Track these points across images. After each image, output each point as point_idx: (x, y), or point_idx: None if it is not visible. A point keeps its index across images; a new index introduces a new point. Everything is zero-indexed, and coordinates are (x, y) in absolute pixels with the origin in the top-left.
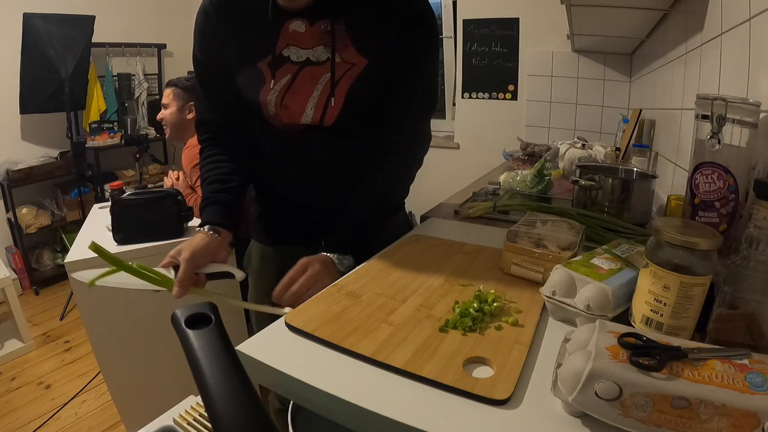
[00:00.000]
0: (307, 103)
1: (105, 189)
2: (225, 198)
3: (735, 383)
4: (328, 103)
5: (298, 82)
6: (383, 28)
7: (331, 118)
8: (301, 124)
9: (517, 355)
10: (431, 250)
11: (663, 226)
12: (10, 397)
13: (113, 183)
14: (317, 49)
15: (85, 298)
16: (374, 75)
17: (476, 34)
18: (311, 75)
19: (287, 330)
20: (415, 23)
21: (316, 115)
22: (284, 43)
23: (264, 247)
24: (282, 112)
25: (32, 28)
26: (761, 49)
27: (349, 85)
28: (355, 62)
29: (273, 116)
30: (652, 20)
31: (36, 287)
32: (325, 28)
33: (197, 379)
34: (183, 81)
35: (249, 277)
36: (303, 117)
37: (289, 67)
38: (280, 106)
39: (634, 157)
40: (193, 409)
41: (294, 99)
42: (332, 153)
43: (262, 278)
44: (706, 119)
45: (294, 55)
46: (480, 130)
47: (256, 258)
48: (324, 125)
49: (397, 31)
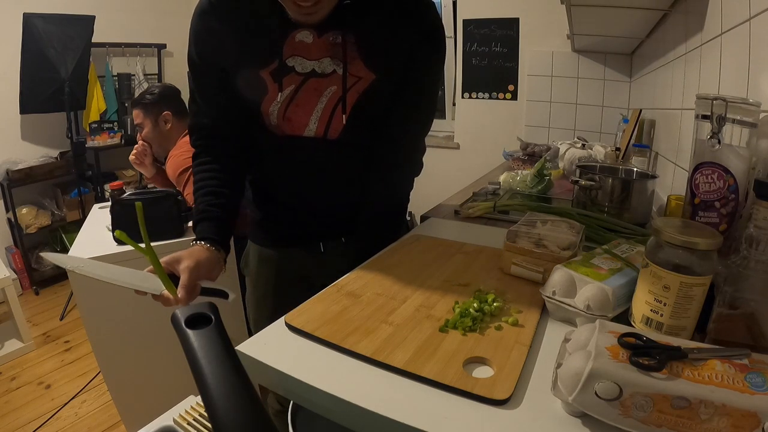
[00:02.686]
0: (310, 117)
1: (105, 189)
2: (218, 215)
3: (735, 383)
4: (332, 116)
5: (302, 94)
6: (394, 43)
7: (335, 132)
8: (303, 136)
9: (517, 355)
10: (431, 250)
11: (663, 226)
12: (10, 397)
13: (113, 183)
14: (323, 61)
15: (85, 299)
16: (381, 89)
17: (476, 34)
18: (316, 87)
19: (287, 330)
20: (427, 39)
21: (319, 128)
22: (289, 53)
23: (262, 249)
24: (284, 124)
25: (32, 28)
26: (761, 49)
27: (355, 100)
28: (362, 76)
29: (275, 126)
30: (652, 20)
31: (36, 287)
32: (334, 39)
33: (197, 379)
34: (146, 96)
35: (246, 278)
36: (306, 130)
37: (293, 78)
38: (283, 118)
39: (634, 157)
40: (193, 409)
41: (297, 111)
42: (334, 161)
43: (260, 280)
44: (706, 119)
45: (299, 65)
46: (480, 130)
47: (254, 260)
48: (328, 138)
49: (409, 47)
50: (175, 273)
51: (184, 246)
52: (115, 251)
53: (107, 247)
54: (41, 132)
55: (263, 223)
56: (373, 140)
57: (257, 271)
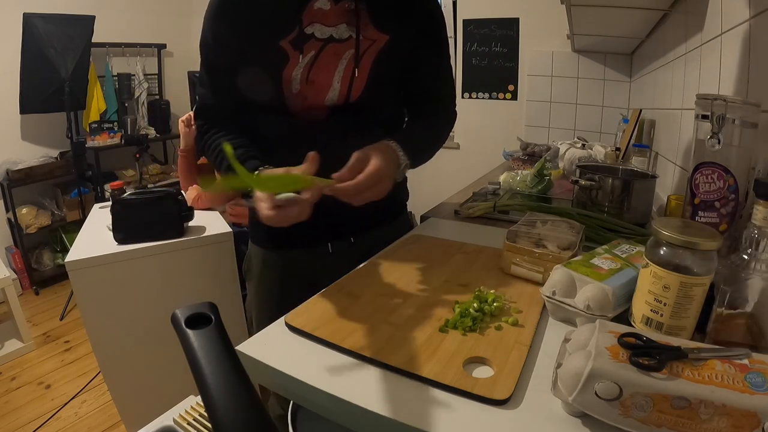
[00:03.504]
0: (333, 77)
1: (105, 189)
2: (256, 153)
3: (735, 383)
4: (353, 76)
5: (322, 58)
6: (400, 5)
7: (357, 90)
8: (324, 105)
9: (517, 355)
10: (431, 250)
11: (663, 226)
12: (10, 397)
13: (113, 183)
14: (340, 27)
15: (85, 299)
16: (396, 49)
17: (476, 34)
18: (335, 51)
19: (287, 330)
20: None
21: (342, 88)
22: (308, 21)
23: (266, 252)
24: (308, 88)
25: (32, 28)
26: (761, 49)
27: (373, 60)
28: (375, 39)
29: (296, 95)
30: (652, 20)
31: (36, 287)
32: (349, 6)
33: (197, 379)
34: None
35: (248, 283)
36: (330, 91)
37: (313, 44)
38: (306, 81)
39: (634, 157)
40: (193, 409)
41: (319, 74)
42: (348, 145)
43: (263, 284)
44: (706, 119)
45: (318, 32)
46: (480, 130)
47: (257, 263)
48: (350, 102)
49: (414, 7)
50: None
51: (184, 246)
52: (114, 251)
53: (107, 247)
54: (41, 132)
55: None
56: (410, 99)
57: (261, 274)
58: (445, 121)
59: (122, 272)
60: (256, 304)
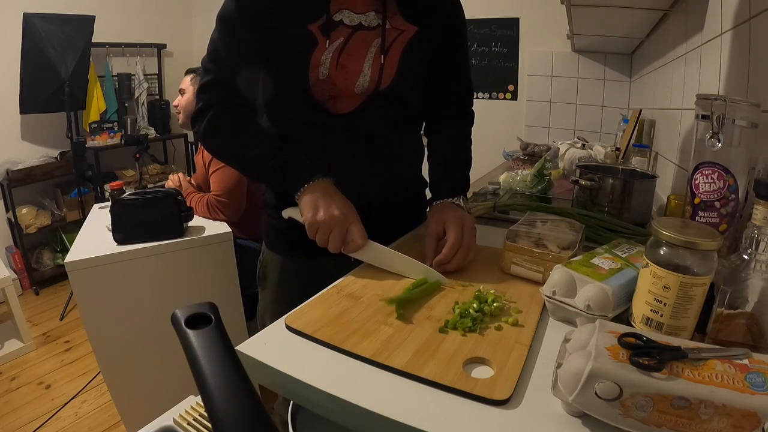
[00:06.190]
0: (363, 63)
1: (105, 189)
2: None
3: (735, 383)
4: (383, 64)
5: (351, 45)
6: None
7: (388, 78)
8: (354, 92)
9: (517, 355)
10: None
11: (663, 226)
12: (10, 397)
13: (113, 183)
14: (369, 15)
15: (85, 299)
16: (425, 41)
17: (476, 34)
18: (364, 39)
19: (287, 330)
20: None
21: (373, 74)
22: (336, 8)
23: (284, 259)
24: (337, 74)
25: (32, 28)
26: (761, 49)
27: (402, 49)
28: (404, 29)
29: (323, 81)
30: (652, 20)
31: (36, 287)
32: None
33: (197, 379)
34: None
35: (263, 291)
36: (360, 77)
37: (342, 31)
38: (336, 66)
39: (634, 157)
40: (193, 409)
41: (349, 59)
42: (373, 145)
43: (282, 293)
44: (706, 119)
45: (347, 18)
46: (480, 130)
47: (273, 271)
48: (380, 89)
49: (442, 2)
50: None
51: (184, 246)
52: (114, 251)
53: (107, 248)
54: (41, 132)
55: (287, 231)
56: (434, 94)
57: (279, 283)
58: (470, 131)
59: (122, 272)
60: (272, 312)
